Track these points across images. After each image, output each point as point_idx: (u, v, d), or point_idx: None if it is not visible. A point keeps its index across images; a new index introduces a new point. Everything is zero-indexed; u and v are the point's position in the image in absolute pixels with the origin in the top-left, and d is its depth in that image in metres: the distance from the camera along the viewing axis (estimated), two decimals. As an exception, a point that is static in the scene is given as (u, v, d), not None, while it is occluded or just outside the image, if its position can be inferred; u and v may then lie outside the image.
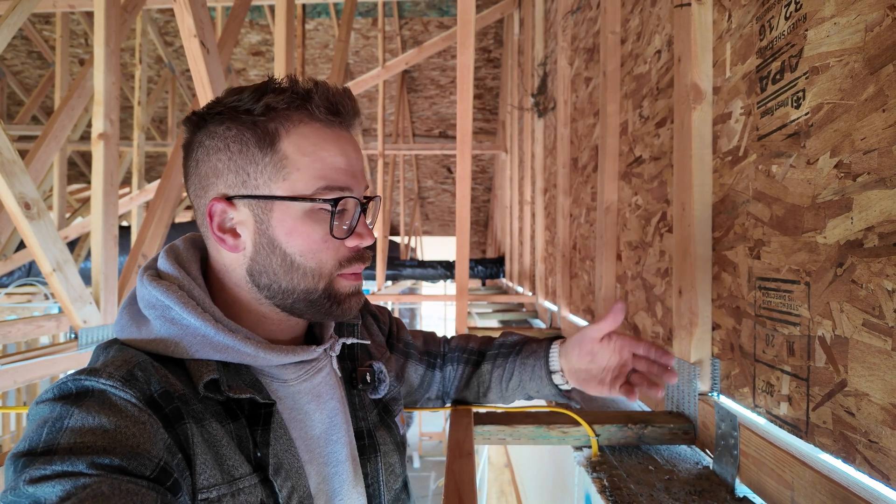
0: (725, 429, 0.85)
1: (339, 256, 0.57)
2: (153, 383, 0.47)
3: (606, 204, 1.62)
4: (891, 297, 0.56)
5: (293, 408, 0.57)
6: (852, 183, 0.62)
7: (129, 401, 0.44)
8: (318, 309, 0.58)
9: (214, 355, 0.52)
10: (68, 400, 0.43)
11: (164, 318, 0.52)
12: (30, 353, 1.78)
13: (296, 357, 0.57)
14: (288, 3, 2.15)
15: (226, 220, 0.56)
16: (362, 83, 4.64)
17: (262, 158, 0.54)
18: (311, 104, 0.55)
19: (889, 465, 0.57)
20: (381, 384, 0.68)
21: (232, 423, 0.50)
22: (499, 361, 0.84)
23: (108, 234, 2.06)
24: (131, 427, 0.43)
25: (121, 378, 0.45)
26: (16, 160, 1.63)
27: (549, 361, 0.80)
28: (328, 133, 0.56)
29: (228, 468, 0.48)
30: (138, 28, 4.75)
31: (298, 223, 0.54)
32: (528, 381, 0.82)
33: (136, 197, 4.43)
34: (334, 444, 0.59)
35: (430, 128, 7.77)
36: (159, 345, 0.52)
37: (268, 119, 0.54)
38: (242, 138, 0.54)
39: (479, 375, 0.86)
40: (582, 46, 2.17)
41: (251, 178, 0.54)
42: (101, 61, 2.04)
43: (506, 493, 3.50)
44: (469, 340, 0.91)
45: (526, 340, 0.85)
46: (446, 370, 0.88)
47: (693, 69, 0.98)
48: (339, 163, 0.56)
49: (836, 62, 0.65)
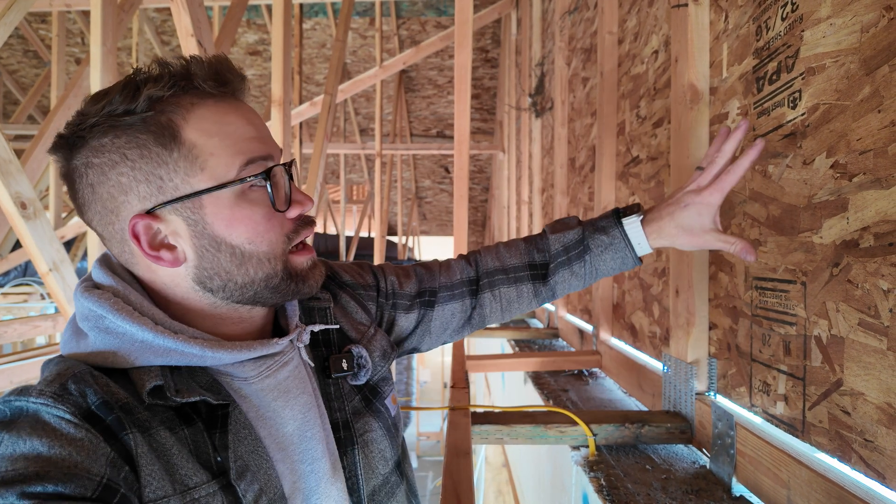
0: (722, 428, 0.85)
1: (286, 230, 0.54)
2: (90, 395, 0.44)
3: (604, 204, 1.62)
4: (886, 297, 0.57)
5: (260, 405, 0.54)
6: (848, 183, 0.63)
7: (63, 417, 0.42)
8: (284, 292, 0.55)
9: (157, 360, 0.49)
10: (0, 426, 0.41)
11: (98, 328, 0.49)
12: (26, 353, 1.78)
13: (251, 353, 0.53)
14: (285, 2, 2.15)
15: (154, 235, 0.51)
16: (360, 83, 4.64)
17: (170, 156, 0.49)
18: (196, 80, 0.51)
19: (885, 463, 0.57)
20: (361, 370, 0.64)
21: (186, 428, 0.48)
22: (573, 268, 0.76)
23: (104, 234, 2.05)
24: (66, 447, 0.40)
25: (52, 394, 0.43)
26: (12, 159, 1.63)
27: (634, 247, 0.74)
28: (225, 106, 0.52)
29: (181, 477, 0.45)
30: (135, 27, 4.74)
31: (235, 210, 0.51)
32: (607, 270, 0.77)
33: (133, 196, 4.41)
34: (309, 440, 0.56)
35: (427, 127, 7.77)
36: (97, 357, 0.49)
37: (156, 112, 0.49)
38: (137, 142, 0.48)
39: (550, 288, 0.79)
40: (579, 47, 2.18)
41: (166, 182, 0.49)
42: (97, 60, 2.03)
43: (503, 492, 3.50)
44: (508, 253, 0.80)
45: (586, 232, 0.76)
46: (483, 297, 0.79)
47: (690, 69, 0.98)
48: (249, 132, 0.53)
49: (832, 63, 0.66)
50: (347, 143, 6.85)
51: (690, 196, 0.69)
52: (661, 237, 0.72)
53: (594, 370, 1.72)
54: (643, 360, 1.33)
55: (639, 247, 0.73)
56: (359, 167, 8.67)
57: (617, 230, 0.74)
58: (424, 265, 0.82)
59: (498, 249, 0.81)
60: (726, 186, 0.68)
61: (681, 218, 0.70)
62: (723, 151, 0.69)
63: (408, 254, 9.27)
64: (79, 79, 2.48)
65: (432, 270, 0.81)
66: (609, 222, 0.75)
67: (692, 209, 0.69)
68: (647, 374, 1.25)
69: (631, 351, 1.44)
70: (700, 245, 0.70)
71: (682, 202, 0.70)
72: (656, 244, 0.73)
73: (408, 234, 9.31)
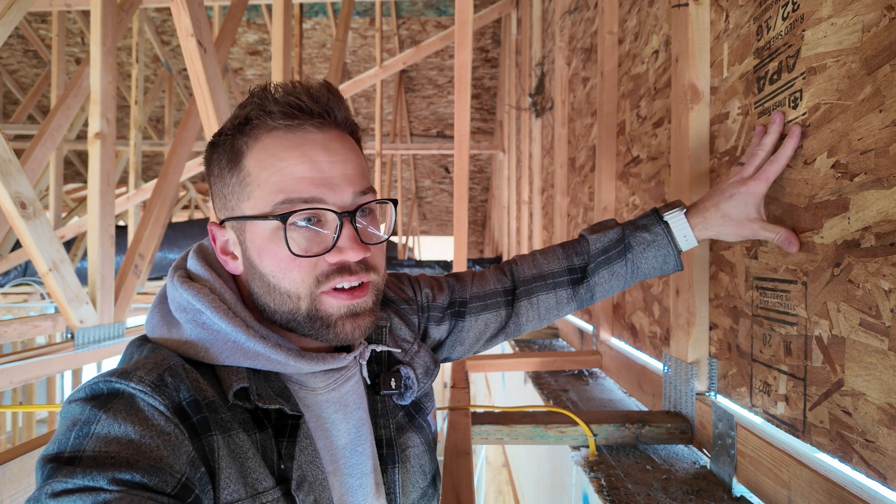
0: (723, 428, 0.85)
1: (318, 272, 0.52)
2: (182, 390, 0.46)
3: (604, 204, 1.62)
4: (887, 297, 0.57)
5: (320, 417, 0.56)
6: (849, 183, 0.62)
7: (156, 408, 0.44)
8: (308, 331, 0.54)
9: (245, 362, 0.51)
10: (97, 402, 0.43)
11: (195, 322, 0.51)
12: (26, 353, 1.77)
13: (325, 365, 0.55)
14: (285, 2, 2.15)
15: (224, 242, 0.56)
16: (360, 83, 4.63)
17: (231, 179, 0.53)
18: (266, 111, 0.51)
19: (886, 464, 0.57)
20: (407, 391, 0.65)
21: (259, 432, 0.49)
22: (613, 268, 0.76)
23: (104, 234, 2.06)
24: (156, 438, 0.42)
25: (150, 383, 0.45)
26: (12, 159, 1.63)
27: (677, 243, 0.74)
28: (290, 140, 0.51)
29: (252, 481, 0.47)
30: (135, 27, 4.74)
31: (266, 242, 0.52)
32: (648, 269, 0.77)
33: (133, 196, 4.42)
34: (359, 454, 0.57)
35: (427, 127, 7.77)
36: (190, 348, 0.51)
37: (236, 136, 0.53)
38: (220, 162, 0.54)
39: (588, 289, 0.78)
40: (579, 46, 2.17)
41: (228, 200, 0.54)
42: (97, 60, 2.03)
43: (503, 492, 3.50)
44: (545, 260, 0.79)
45: (626, 231, 0.76)
46: (520, 305, 0.78)
47: (690, 69, 0.98)
48: (301, 171, 0.51)
49: (833, 62, 0.66)
50: (347, 143, 6.83)
51: (735, 186, 0.72)
52: (706, 227, 0.73)
53: (594, 370, 1.71)
54: (643, 360, 1.33)
55: (684, 240, 0.74)
56: (359, 167, 8.65)
57: (659, 227, 0.75)
58: (457, 276, 0.82)
59: (535, 257, 0.81)
60: (771, 175, 0.71)
61: (726, 207, 0.72)
62: (763, 144, 0.72)
63: (408, 254, 9.26)
64: (79, 79, 2.48)
65: (464, 281, 0.80)
66: (651, 220, 0.76)
67: (737, 199, 0.71)
68: (648, 375, 1.25)
69: (631, 351, 1.44)
70: (745, 235, 0.72)
71: (726, 192, 0.72)
72: (702, 235, 0.74)
73: (408, 234, 9.30)
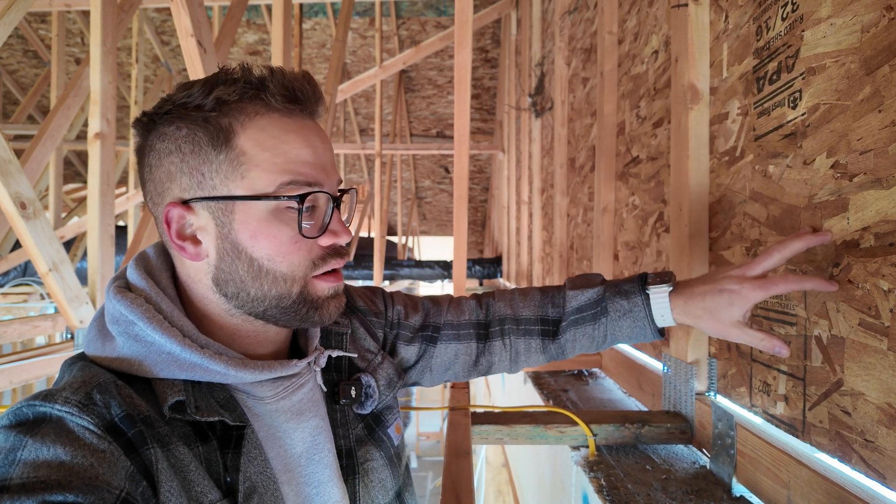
0: (722, 428, 0.85)
1: (313, 256, 0.53)
2: (113, 406, 0.44)
3: (603, 204, 1.62)
4: (887, 297, 0.57)
5: (271, 426, 0.54)
6: (849, 183, 0.63)
7: (86, 428, 0.42)
8: (293, 315, 0.54)
9: (181, 374, 0.49)
10: (23, 428, 0.41)
11: (127, 334, 0.50)
12: (26, 353, 1.77)
13: (272, 373, 0.53)
14: (285, 2, 2.15)
15: (184, 226, 0.52)
16: (359, 83, 4.64)
17: (217, 156, 0.50)
18: (266, 93, 0.51)
19: (885, 464, 0.57)
20: (367, 399, 0.63)
21: (201, 445, 0.48)
22: (584, 329, 0.72)
23: (104, 234, 2.06)
24: (89, 457, 0.40)
25: (77, 403, 0.43)
26: (11, 159, 1.63)
27: (654, 319, 0.69)
28: (289, 123, 0.52)
29: (196, 494, 0.45)
30: (135, 27, 4.74)
31: (263, 224, 0.51)
32: (623, 338, 0.73)
33: (133, 197, 4.42)
34: (316, 463, 0.55)
35: (427, 128, 7.77)
36: (122, 364, 0.49)
37: (220, 114, 0.51)
38: (194, 138, 0.50)
39: (559, 346, 0.75)
40: (579, 47, 2.18)
41: (206, 179, 0.51)
42: (97, 60, 2.03)
43: (503, 492, 3.50)
44: (522, 303, 0.77)
45: (606, 293, 0.72)
46: (493, 344, 0.76)
47: (690, 69, 0.98)
48: (305, 155, 0.52)
49: (832, 63, 0.66)
50: (347, 144, 6.85)
51: (730, 282, 0.64)
52: (685, 314, 0.68)
53: (594, 370, 1.72)
54: (643, 360, 1.33)
55: (661, 319, 0.69)
56: (358, 167, 8.67)
57: (639, 297, 0.69)
58: (434, 299, 0.80)
59: (513, 297, 0.78)
60: (773, 289, 0.63)
61: (711, 301, 0.65)
62: (789, 246, 0.64)
63: (407, 254, 9.26)
64: (78, 79, 2.48)
65: (441, 306, 0.79)
66: (633, 287, 0.71)
67: (726, 297, 0.64)
68: (647, 375, 1.25)
69: (631, 351, 1.44)
70: (723, 336, 0.66)
71: (718, 285, 0.65)
72: (680, 320, 0.68)
73: (408, 234, 9.31)
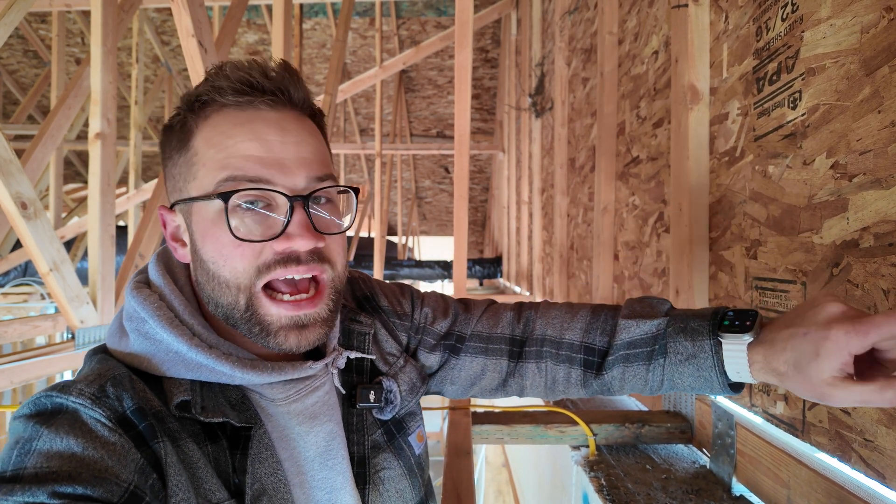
0: (722, 428, 0.85)
1: (259, 262, 0.48)
2: (126, 399, 0.45)
3: (604, 204, 1.62)
4: (886, 297, 0.57)
5: (283, 427, 0.52)
6: (848, 183, 0.63)
7: (99, 420, 0.42)
8: (249, 333, 0.49)
9: (187, 374, 0.48)
10: (41, 418, 0.42)
11: (138, 331, 0.50)
12: (26, 353, 1.77)
13: (282, 376, 0.51)
14: (286, 2, 2.15)
15: (172, 228, 0.53)
16: (359, 83, 4.64)
17: (179, 159, 0.50)
18: (216, 88, 0.49)
19: (884, 463, 0.57)
20: (388, 405, 0.60)
21: (211, 444, 0.47)
22: (635, 369, 0.60)
23: (104, 234, 2.06)
24: (100, 450, 0.41)
25: (90, 396, 0.44)
26: (12, 159, 1.63)
27: (726, 369, 0.53)
28: (239, 117, 0.49)
29: (205, 492, 0.45)
30: (135, 27, 4.74)
31: (209, 225, 0.48)
32: (685, 387, 0.59)
33: (133, 196, 4.43)
34: (330, 469, 0.53)
35: (427, 128, 7.77)
36: (134, 360, 0.49)
37: (187, 116, 0.50)
38: (171, 142, 0.51)
39: (603, 384, 0.63)
40: (579, 47, 2.18)
41: (177, 182, 0.51)
42: (97, 60, 2.03)
43: (503, 492, 3.51)
44: (568, 324, 0.65)
45: (668, 329, 0.58)
46: (526, 367, 0.66)
47: (690, 70, 0.99)
48: (248, 149, 0.47)
49: (832, 63, 0.66)
50: (347, 144, 6.85)
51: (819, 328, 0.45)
52: (767, 370, 0.50)
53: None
54: (643, 360, 1.33)
55: (736, 374, 0.53)
56: (359, 167, 8.67)
57: (706, 341, 0.54)
58: (467, 305, 0.72)
59: (559, 314, 0.67)
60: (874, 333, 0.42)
61: (793, 351, 0.47)
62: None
63: (407, 254, 9.27)
64: (79, 79, 2.48)
65: (471, 313, 0.70)
66: (702, 326, 0.55)
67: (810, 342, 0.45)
68: (648, 374, 1.25)
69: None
70: (821, 399, 0.46)
71: (804, 327, 0.47)
72: (761, 378, 0.51)
73: (408, 235, 9.31)
